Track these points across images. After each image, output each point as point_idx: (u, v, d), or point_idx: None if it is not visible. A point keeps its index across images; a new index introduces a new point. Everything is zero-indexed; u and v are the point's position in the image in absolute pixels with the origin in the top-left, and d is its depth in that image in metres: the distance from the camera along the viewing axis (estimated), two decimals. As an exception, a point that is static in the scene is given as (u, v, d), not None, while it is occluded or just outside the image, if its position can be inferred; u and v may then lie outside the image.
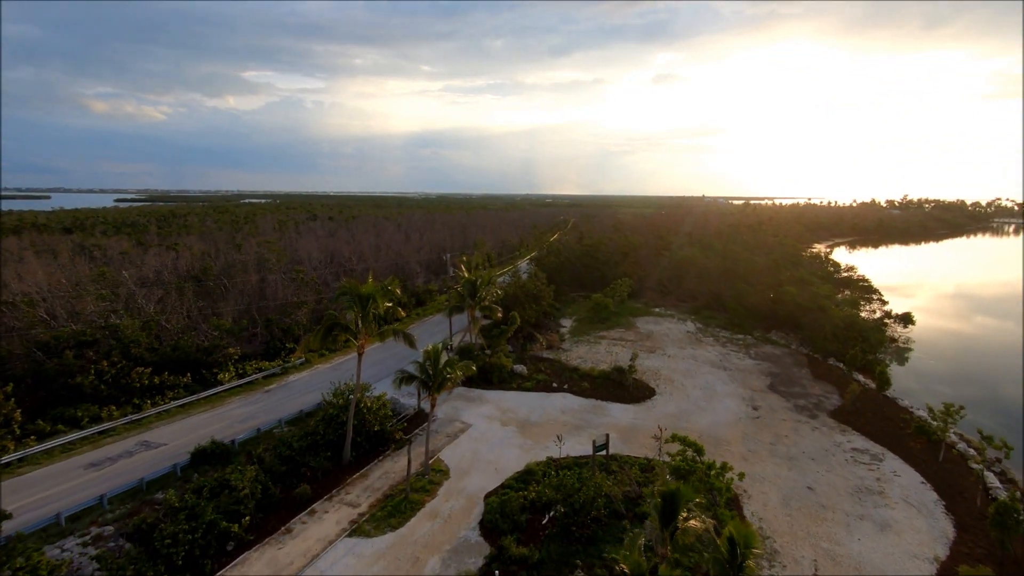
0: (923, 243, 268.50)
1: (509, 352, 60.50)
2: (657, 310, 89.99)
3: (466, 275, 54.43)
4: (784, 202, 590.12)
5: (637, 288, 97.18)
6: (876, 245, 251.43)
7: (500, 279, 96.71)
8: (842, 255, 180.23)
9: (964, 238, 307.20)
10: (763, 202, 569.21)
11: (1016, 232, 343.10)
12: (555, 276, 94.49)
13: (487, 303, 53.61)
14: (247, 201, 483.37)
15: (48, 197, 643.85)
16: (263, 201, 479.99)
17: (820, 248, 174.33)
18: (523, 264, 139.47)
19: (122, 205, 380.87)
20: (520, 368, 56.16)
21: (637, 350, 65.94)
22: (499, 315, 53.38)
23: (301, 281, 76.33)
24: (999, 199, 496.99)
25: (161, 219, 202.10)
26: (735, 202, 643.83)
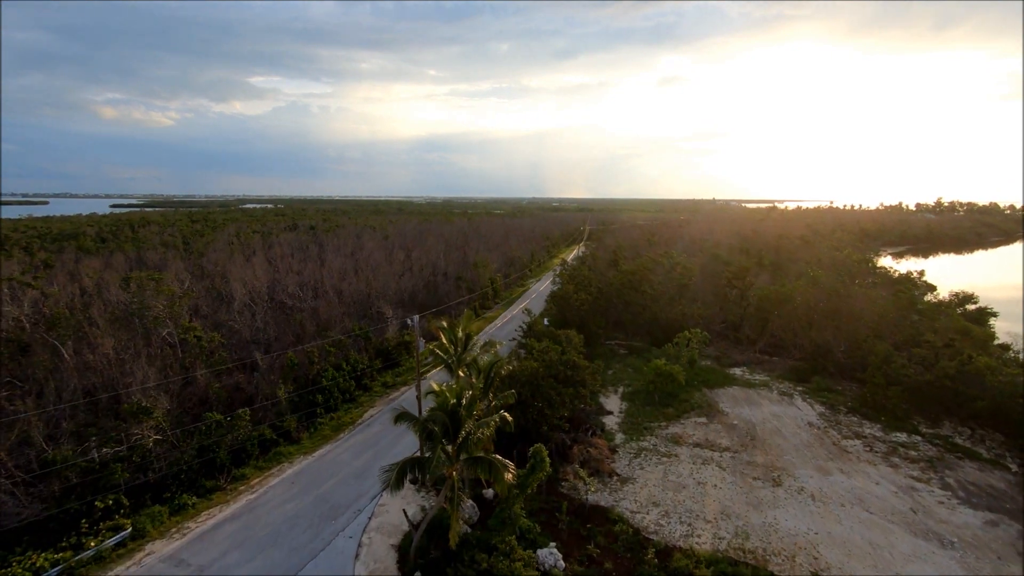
0: (977, 251, 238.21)
1: (526, 506, 32.10)
2: (737, 372, 61.34)
3: (437, 387, 25.63)
4: (804, 206, 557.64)
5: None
6: (927, 255, 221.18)
7: (502, 335, 68.74)
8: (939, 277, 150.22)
9: (1021, 244, 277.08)
10: (783, 206, 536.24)
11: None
12: (587, 320, 66.18)
13: (483, 447, 24.98)
14: (248, 206, 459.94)
15: (46, 202, 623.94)
16: (261, 206, 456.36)
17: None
18: (540, 287, 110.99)
19: (117, 211, 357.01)
20: (551, 559, 27.80)
21: (753, 485, 37.44)
22: (511, 475, 24.57)
23: (197, 347, 48.33)
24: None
25: (117, 229, 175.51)
26: (748, 205, 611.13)
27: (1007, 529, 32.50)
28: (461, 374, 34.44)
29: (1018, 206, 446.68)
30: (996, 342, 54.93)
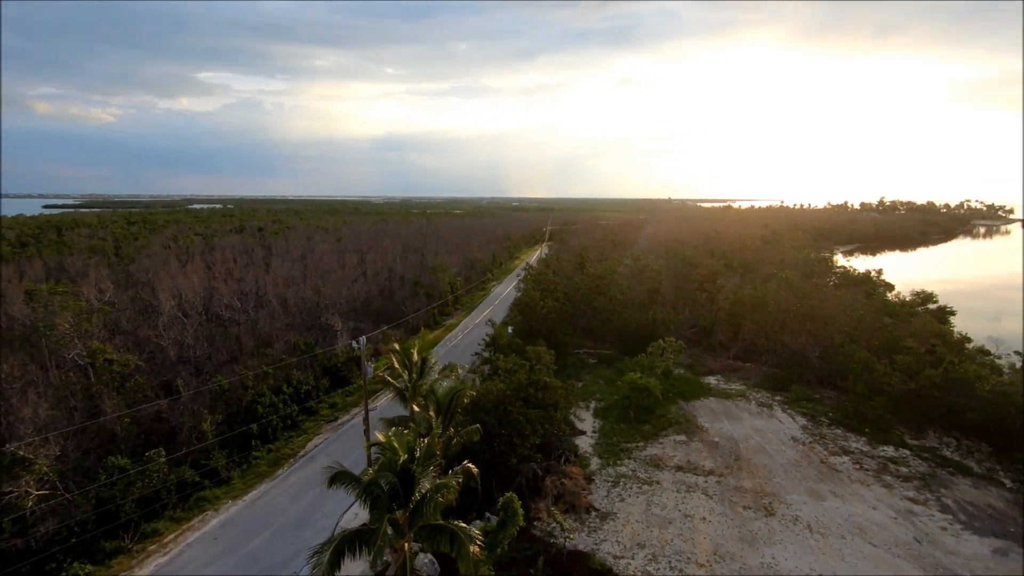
0: (919, 248, 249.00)
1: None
2: (712, 382, 58.40)
3: (384, 438, 20.37)
4: (756, 205, 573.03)
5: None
6: (874, 252, 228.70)
7: (464, 345, 64.17)
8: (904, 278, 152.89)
9: (962, 240, 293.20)
10: (736, 205, 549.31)
11: (992, 234, 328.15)
12: (554, 328, 62.11)
13: (437, 515, 20.06)
14: (195, 207, 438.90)
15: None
16: (209, 207, 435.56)
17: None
18: (503, 291, 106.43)
19: (49, 211, 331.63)
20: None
21: (744, 516, 33.88)
22: (476, 547, 19.71)
23: (107, 372, 41.42)
24: (968, 201, 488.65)
25: (40, 232, 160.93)
26: (703, 204, 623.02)
27: (1017, 558, 29.92)
28: (416, 408, 29.48)
29: (952, 205, 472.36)
30: (970, 344, 53.51)
